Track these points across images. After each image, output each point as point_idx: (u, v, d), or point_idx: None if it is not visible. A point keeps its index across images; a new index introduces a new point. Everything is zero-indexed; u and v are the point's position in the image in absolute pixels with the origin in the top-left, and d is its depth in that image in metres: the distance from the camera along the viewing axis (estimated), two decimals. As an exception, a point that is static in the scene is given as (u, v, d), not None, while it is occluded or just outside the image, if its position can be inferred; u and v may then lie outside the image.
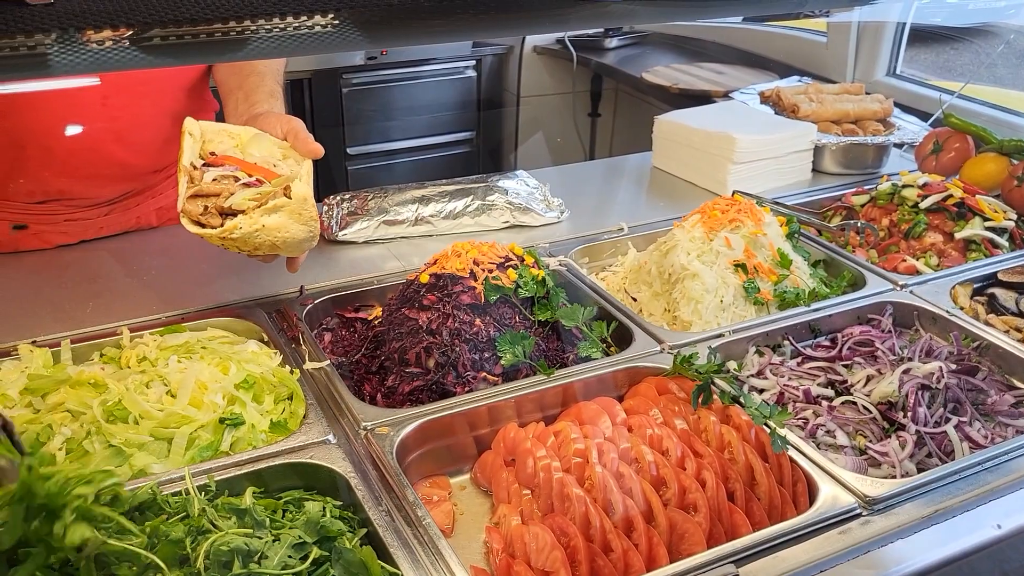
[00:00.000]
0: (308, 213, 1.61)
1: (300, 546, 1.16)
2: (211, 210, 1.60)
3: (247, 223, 1.57)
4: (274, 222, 1.58)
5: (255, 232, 1.57)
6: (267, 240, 1.60)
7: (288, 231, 1.60)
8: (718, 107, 2.91)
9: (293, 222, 1.60)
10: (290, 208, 1.59)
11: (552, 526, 1.30)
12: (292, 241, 1.63)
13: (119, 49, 0.90)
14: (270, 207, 1.58)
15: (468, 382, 1.62)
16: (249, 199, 1.60)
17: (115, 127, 1.99)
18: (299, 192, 1.60)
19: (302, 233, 1.63)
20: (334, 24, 1.05)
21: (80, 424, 1.44)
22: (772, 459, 1.43)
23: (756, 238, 1.94)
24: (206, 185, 1.61)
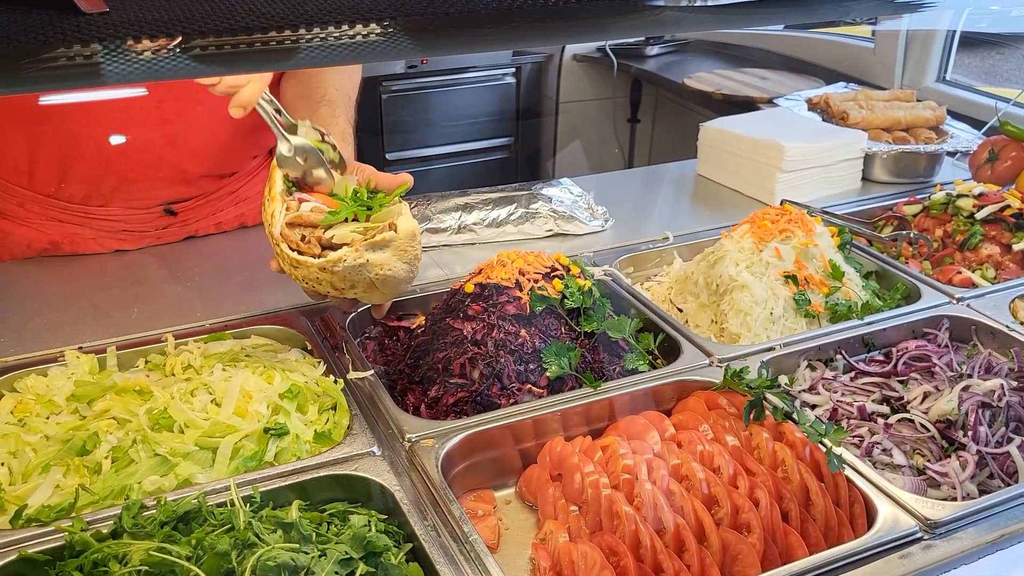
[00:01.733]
0: (414, 251, 1.53)
1: (346, 562, 1.14)
2: (310, 240, 1.53)
3: (351, 255, 1.48)
4: (379, 258, 1.49)
5: (358, 266, 1.49)
6: (367, 277, 1.51)
7: (391, 269, 1.51)
8: (765, 114, 2.86)
9: (398, 260, 1.51)
10: (397, 244, 1.50)
11: (601, 544, 1.27)
12: (392, 280, 1.54)
13: (173, 58, 0.89)
14: (377, 240, 1.49)
15: (513, 394, 1.60)
16: (354, 231, 1.52)
17: (168, 131, 2.00)
18: (406, 227, 1.51)
19: (403, 272, 1.54)
20: (386, 33, 1.04)
21: (126, 432, 1.44)
22: (828, 478, 1.38)
23: (807, 249, 1.89)
24: (305, 214, 1.54)
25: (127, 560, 1.15)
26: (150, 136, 1.99)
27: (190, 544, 1.17)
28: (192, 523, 1.23)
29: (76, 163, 1.99)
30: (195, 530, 1.21)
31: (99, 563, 1.16)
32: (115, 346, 1.67)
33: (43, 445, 1.44)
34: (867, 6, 1.94)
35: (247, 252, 2.16)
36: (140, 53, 0.86)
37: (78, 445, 1.40)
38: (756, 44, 4.43)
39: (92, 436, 1.40)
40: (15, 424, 1.51)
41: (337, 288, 1.55)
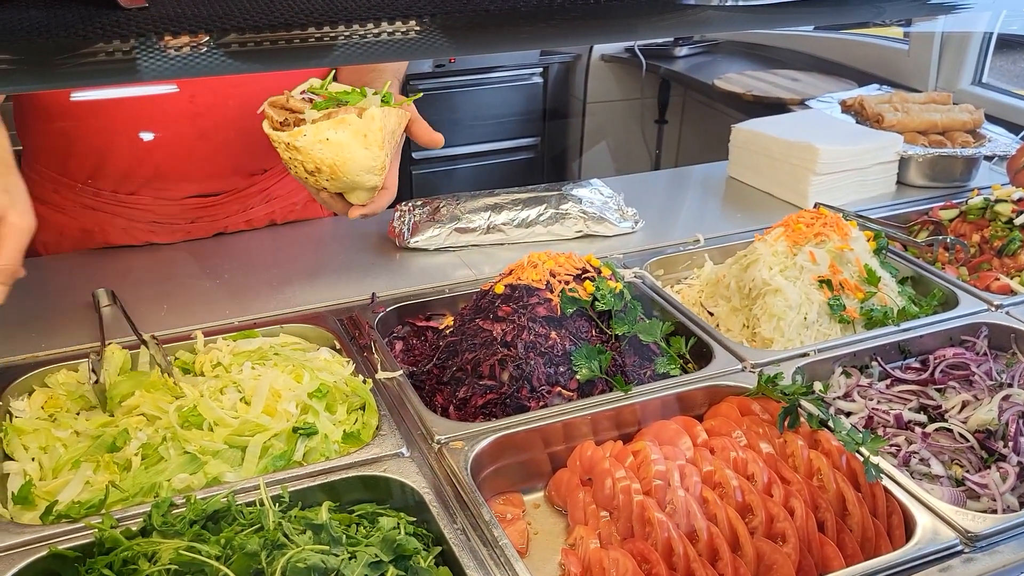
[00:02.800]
0: (373, 137, 1.60)
1: (376, 564, 1.13)
2: (288, 121, 1.64)
3: (312, 131, 1.57)
4: (338, 138, 1.58)
5: (318, 143, 1.58)
6: (328, 157, 1.59)
7: (350, 152, 1.60)
8: (798, 116, 2.82)
9: (358, 144, 1.60)
10: (355, 127, 1.59)
11: (633, 551, 1.25)
12: (352, 166, 1.62)
13: (210, 54, 0.88)
14: (337, 120, 1.58)
15: (543, 396, 1.58)
16: (319, 113, 1.61)
17: (200, 125, 2.01)
18: (370, 113, 1.60)
19: (364, 159, 1.62)
20: (421, 30, 1.03)
21: (155, 429, 1.44)
22: (864, 488, 1.35)
23: (842, 253, 1.86)
24: (292, 99, 1.64)
25: (156, 559, 1.15)
26: (181, 129, 2.00)
27: (219, 544, 1.16)
28: (221, 522, 1.23)
29: (109, 154, 2.00)
30: (224, 529, 1.20)
31: (128, 561, 1.16)
32: (158, 340, 1.66)
33: (73, 441, 1.44)
34: (901, 7, 1.91)
35: (277, 250, 2.16)
36: (179, 49, 0.85)
37: (108, 442, 1.40)
38: (786, 45, 4.38)
39: (122, 433, 1.40)
40: (46, 419, 1.51)
41: (308, 171, 1.63)
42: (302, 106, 1.64)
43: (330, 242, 2.21)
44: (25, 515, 1.32)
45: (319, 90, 1.70)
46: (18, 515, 1.31)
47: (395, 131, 1.70)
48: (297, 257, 2.13)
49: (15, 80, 0.86)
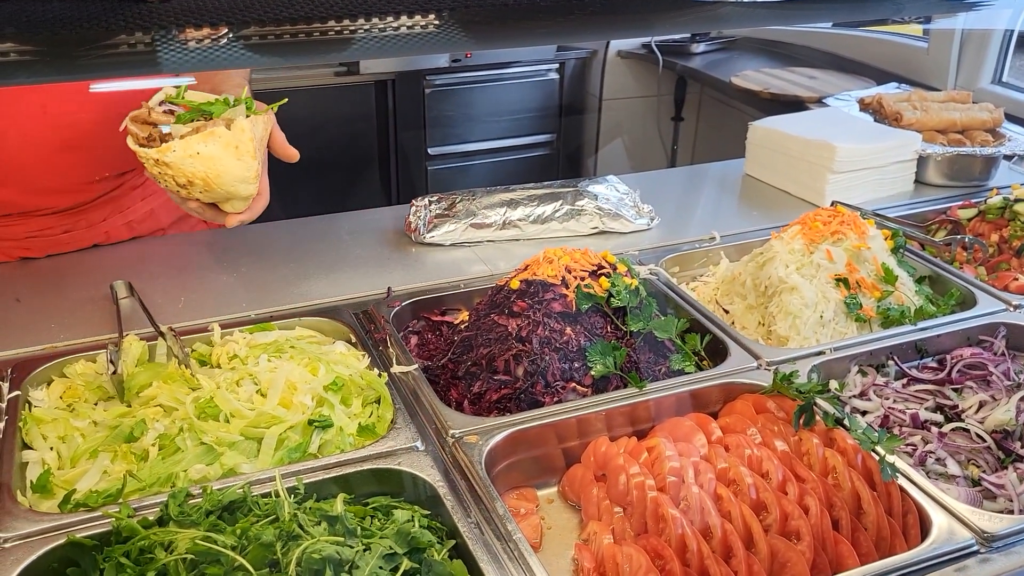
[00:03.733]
0: (245, 148, 1.57)
1: (390, 557, 1.13)
2: (154, 136, 1.59)
3: (181, 146, 1.54)
4: (209, 151, 1.55)
5: (188, 158, 1.54)
6: (200, 171, 1.56)
7: (222, 164, 1.57)
8: (816, 114, 2.81)
9: (229, 156, 1.57)
10: (226, 139, 1.55)
11: (646, 547, 1.25)
12: (227, 177, 1.59)
13: (231, 47, 0.89)
14: (207, 133, 1.55)
15: (557, 392, 1.58)
16: (187, 127, 1.57)
17: (60, 135, 1.90)
18: (239, 124, 1.57)
19: (238, 170, 1.59)
20: (440, 24, 1.03)
21: (172, 420, 1.45)
22: (880, 487, 1.35)
23: (859, 252, 1.85)
24: (154, 113, 1.60)
25: (173, 548, 1.16)
26: (41, 140, 1.89)
27: (235, 534, 1.17)
28: (237, 512, 1.24)
29: None
30: (240, 520, 1.21)
31: (145, 550, 1.17)
32: (175, 331, 1.67)
33: (91, 431, 1.45)
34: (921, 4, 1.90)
35: (294, 244, 2.17)
36: (200, 41, 0.86)
37: (126, 432, 1.42)
38: (804, 42, 4.36)
39: (139, 423, 1.42)
40: (64, 409, 1.52)
41: (180, 184, 1.60)
42: (166, 119, 1.60)
43: (346, 237, 2.22)
44: (43, 503, 1.33)
45: (177, 100, 1.65)
46: (36, 503, 1.33)
47: (263, 138, 1.68)
48: (313, 251, 2.13)
49: (38, 71, 0.86)
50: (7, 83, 0.83)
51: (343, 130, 4.50)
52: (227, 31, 0.88)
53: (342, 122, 4.48)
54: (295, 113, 4.67)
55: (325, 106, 4.39)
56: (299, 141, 1.79)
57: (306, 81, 4.29)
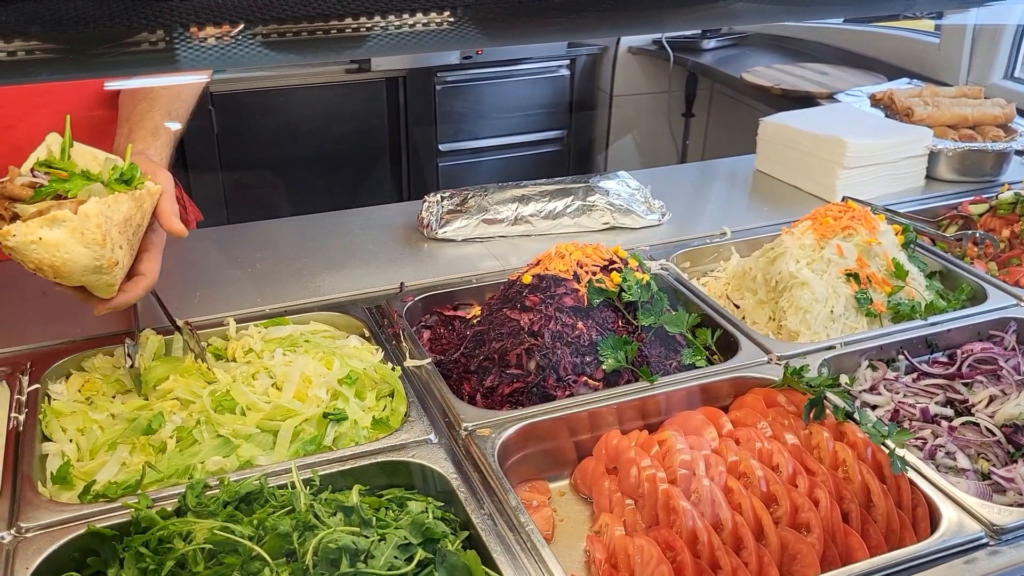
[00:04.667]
0: (91, 235, 1.38)
1: (405, 547, 1.15)
2: (3, 215, 1.42)
3: (22, 231, 1.36)
4: (53, 237, 1.37)
5: (31, 244, 1.36)
6: (46, 258, 1.38)
7: (68, 252, 1.38)
8: (827, 109, 2.81)
9: (75, 243, 1.38)
10: (71, 225, 1.37)
11: (658, 539, 1.26)
12: (74, 266, 1.40)
13: (251, 44, 0.90)
14: (49, 217, 1.37)
15: (569, 386, 1.60)
16: (33, 208, 1.41)
17: (11, 138, 1.82)
18: (85, 209, 1.39)
19: (85, 259, 1.40)
20: (454, 21, 1.04)
21: (189, 413, 1.47)
22: (890, 480, 1.36)
23: (870, 247, 1.86)
24: (9, 185, 1.43)
25: (191, 538, 1.18)
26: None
27: (252, 524, 1.19)
28: (254, 504, 1.26)
29: None
30: (257, 511, 1.23)
31: (164, 540, 1.19)
32: (192, 326, 1.69)
33: (109, 423, 1.48)
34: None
35: (307, 240, 2.19)
36: (220, 39, 0.87)
37: (143, 424, 1.44)
38: (815, 38, 4.35)
39: (157, 415, 1.44)
40: (83, 402, 1.55)
41: (31, 270, 1.42)
42: (25, 193, 1.43)
43: (359, 232, 2.24)
44: (63, 494, 1.35)
45: (58, 163, 1.50)
46: (57, 494, 1.35)
47: (129, 218, 1.48)
48: (326, 247, 2.15)
49: (61, 69, 0.88)
50: (31, 80, 0.85)
51: (355, 127, 4.52)
52: (244, 28, 0.90)
53: (354, 119, 4.50)
54: (307, 110, 4.70)
55: (337, 103, 4.42)
56: (312, 138, 1.79)
57: (318, 78, 4.32)
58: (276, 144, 4.35)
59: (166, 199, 1.58)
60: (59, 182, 1.44)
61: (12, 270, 2.01)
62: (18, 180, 1.45)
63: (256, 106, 4.25)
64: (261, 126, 4.30)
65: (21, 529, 1.23)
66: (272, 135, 4.33)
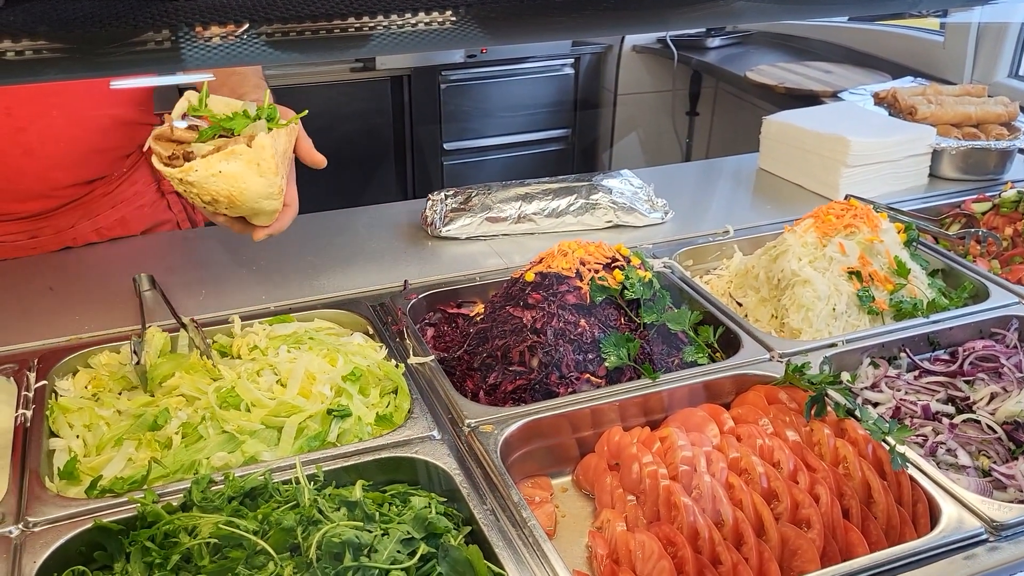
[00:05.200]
0: (267, 165, 1.55)
1: (408, 541, 1.16)
2: (177, 155, 1.58)
3: (203, 166, 1.52)
4: (231, 170, 1.53)
5: (211, 177, 1.53)
6: (224, 189, 1.55)
7: (245, 182, 1.55)
8: (830, 108, 2.81)
9: (251, 173, 1.55)
10: (247, 157, 1.54)
11: (659, 534, 1.27)
12: (250, 194, 1.58)
13: (255, 43, 0.91)
14: (227, 152, 1.53)
15: (571, 383, 1.61)
16: (214, 146, 1.56)
17: (23, 140, 1.89)
18: (260, 141, 1.55)
19: (260, 186, 1.57)
20: (457, 20, 1.05)
21: (195, 409, 1.48)
22: (890, 477, 1.36)
23: (872, 245, 1.86)
24: (177, 130, 1.58)
25: (197, 533, 1.19)
26: (3, 147, 1.88)
27: (256, 519, 1.20)
28: (258, 499, 1.27)
29: None
30: (261, 506, 1.24)
31: (170, 534, 1.20)
32: (197, 323, 1.71)
33: (115, 419, 1.49)
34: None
35: (311, 238, 2.20)
36: (225, 38, 0.88)
37: (149, 420, 1.45)
38: (820, 37, 4.36)
39: (163, 412, 1.45)
40: (89, 399, 1.56)
41: (205, 202, 1.59)
42: (189, 136, 1.58)
43: (363, 231, 2.25)
44: (70, 489, 1.37)
45: (199, 110, 1.63)
46: (64, 489, 1.36)
47: (286, 151, 1.66)
48: (330, 245, 2.16)
49: (68, 68, 0.89)
50: (38, 80, 0.86)
51: (359, 125, 4.53)
52: (249, 28, 0.91)
53: (358, 117, 4.51)
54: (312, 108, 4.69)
55: (341, 101, 4.43)
56: (316, 136, 1.80)
57: (323, 77, 4.33)
58: (281, 142, 4.37)
59: (303, 138, 1.75)
60: (227, 120, 1.60)
61: (19, 268, 2.03)
62: (180, 124, 1.60)
63: (261, 105, 4.26)
64: (266, 125, 4.31)
65: (29, 523, 1.25)
66: (277, 133, 4.35)
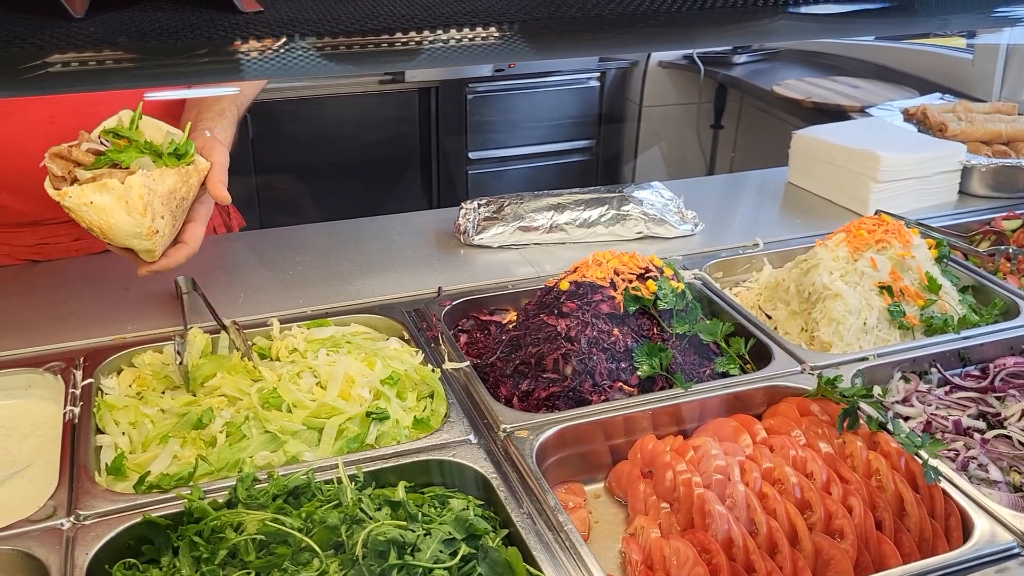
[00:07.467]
0: (134, 204, 1.54)
1: (449, 542, 1.19)
2: (66, 176, 1.59)
3: (77, 194, 1.54)
4: (102, 202, 1.54)
5: (83, 206, 1.54)
6: (95, 220, 1.56)
7: (113, 217, 1.55)
8: (860, 123, 2.83)
9: (119, 209, 1.55)
10: (117, 193, 1.54)
11: (693, 542, 1.29)
12: (118, 231, 1.57)
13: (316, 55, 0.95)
14: (100, 184, 1.54)
15: (604, 391, 1.63)
16: (89, 173, 1.57)
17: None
18: (130, 181, 1.54)
19: (128, 225, 1.56)
20: (499, 36, 1.08)
21: (237, 409, 1.52)
22: (923, 490, 1.38)
23: (903, 260, 1.88)
24: (75, 150, 1.60)
25: (242, 529, 1.22)
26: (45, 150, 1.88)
27: (300, 517, 1.23)
28: (301, 497, 1.30)
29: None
30: (304, 504, 1.27)
31: (216, 530, 1.23)
32: (238, 325, 1.74)
33: (160, 418, 1.53)
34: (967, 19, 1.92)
35: (347, 244, 2.24)
36: (290, 50, 0.92)
37: (193, 419, 1.49)
38: (847, 53, 4.36)
39: (207, 411, 1.48)
40: (134, 397, 1.60)
41: (85, 228, 1.59)
42: (86, 159, 1.59)
43: (397, 238, 2.29)
44: (117, 484, 1.40)
45: (124, 131, 1.64)
46: (111, 484, 1.40)
47: (174, 191, 1.62)
48: (365, 251, 2.20)
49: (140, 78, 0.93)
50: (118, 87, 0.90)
51: (386, 135, 4.59)
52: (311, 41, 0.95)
53: (386, 127, 4.57)
54: (340, 118, 4.77)
55: (370, 111, 4.49)
56: (344, 145, 1.83)
57: (352, 88, 4.39)
58: (309, 150, 4.42)
59: (217, 170, 1.71)
60: (116, 152, 1.59)
61: (64, 268, 2.08)
62: (84, 146, 1.61)
63: (291, 113, 4.32)
64: (295, 133, 4.37)
65: (80, 516, 1.28)
66: (305, 142, 4.41)
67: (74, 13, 0.87)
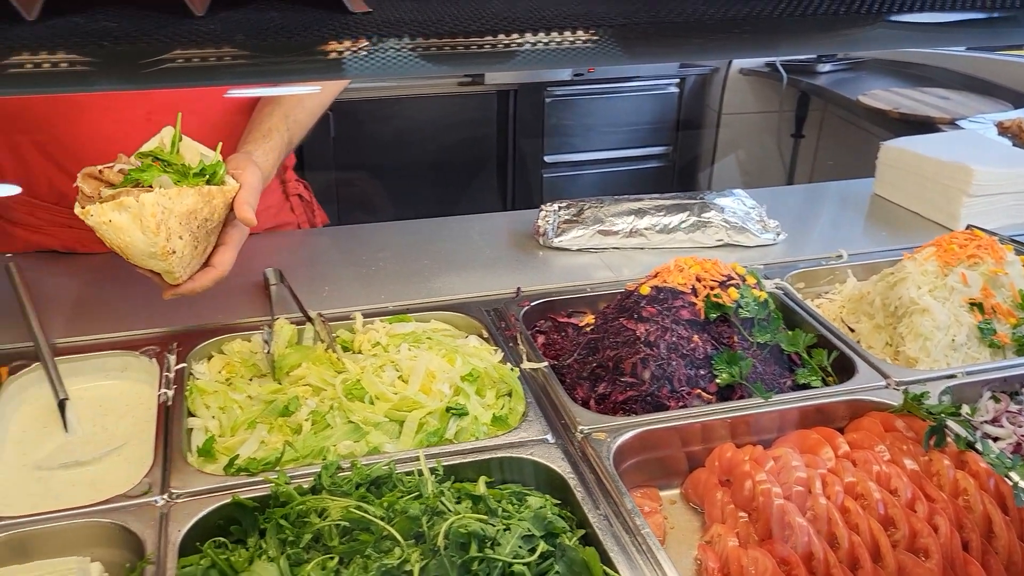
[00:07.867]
0: (147, 223, 1.51)
1: (528, 538, 1.20)
2: (93, 196, 1.58)
3: (97, 212, 1.52)
4: (120, 221, 1.51)
5: (103, 225, 1.52)
6: (113, 240, 1.54)
7: (129, 236, 1.52)
8: (952, 136, 2.75)
9: (135, 228, 1.52)
10: (133, 211, 1.51)
11: (772, 552, 1.27)
12: (134, 250, 1.55)
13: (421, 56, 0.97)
14: (117, 203, 1.52)
15: (682, 397, 1.62)
16: (112, 192, 1.56)
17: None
18: (144, 198, 1.52)
19: (142, 244, 1.53)
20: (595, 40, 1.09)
21: (321, 399, 1.56)
22: (1013, 513, 1.34)
23: (996, 277, 1.82)
24: (107, 171, 1.59)
25: (327, 514, 1.25)
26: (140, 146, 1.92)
27: (382, 506, 1.26)
28: (382, 487, 1.33)
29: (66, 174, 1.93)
30: (386, 494, 1.30)
31: (302, 515, 1.27)
32: (324, 317, 1.79)
33: (247, 404, 1.58)
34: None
35: (427, 242, 2.27)
36: (399, 50, 0.94)
37: (280, 407, 1.53)
38: (936, 63, 4.25)
39: (294, 399, 1.53)
40: (223, 383, 1.66)
41: (108, 245, 1.57)
42: (116, 179, 1.58)
43: (477, 238, 2.31)
44: (207, 466, 1.45)
45: (163, 155, 1.63)
46: (201, 466, 1.45)
47: (194, 211, 1.58)
48: (445, 250, 2.23)
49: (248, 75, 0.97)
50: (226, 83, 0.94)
51: (464, 136, 4.65)
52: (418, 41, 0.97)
53: (464, 128, 4.62)
54: (420, 118, 4.84)
55: (449, 112, 4.55)
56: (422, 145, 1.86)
57: (432, 89, 4.46)
58: (388, 150, 4.51)
59: (246, 191, 1.66)
60: (138, 171, 1.58)
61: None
62: (116, 167, 1.60)
63: (371, 113, 4.41)
64: (375, 132, 4.46)
65: (173, 494, 1.34)
66: (385, 141, 4.49)
67: (196, 11, 0.91)
